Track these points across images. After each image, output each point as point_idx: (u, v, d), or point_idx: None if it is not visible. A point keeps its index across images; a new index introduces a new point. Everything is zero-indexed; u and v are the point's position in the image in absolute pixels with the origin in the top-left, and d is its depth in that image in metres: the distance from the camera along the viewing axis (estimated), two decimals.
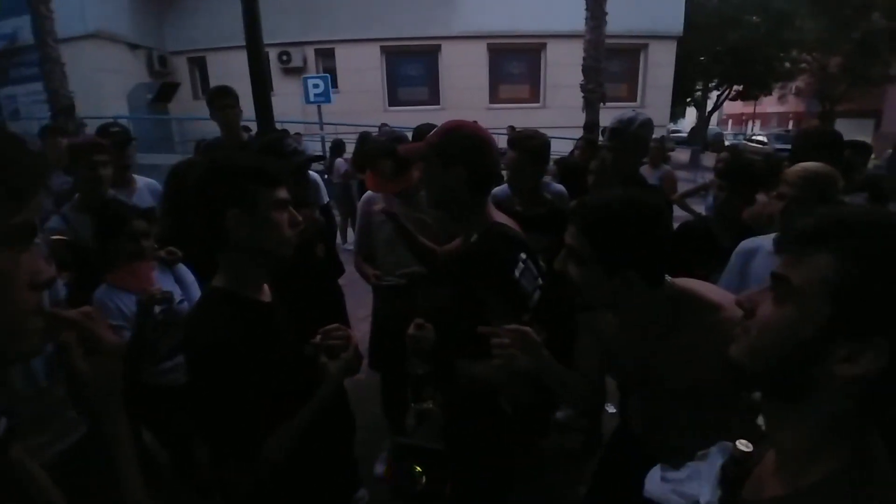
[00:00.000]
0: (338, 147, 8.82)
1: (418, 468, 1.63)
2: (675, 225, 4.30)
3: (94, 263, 2.00)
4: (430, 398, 1.64)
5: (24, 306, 0.60)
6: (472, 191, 1.47)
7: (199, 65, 16.72)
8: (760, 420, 0.79)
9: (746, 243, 2.00)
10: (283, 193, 1.22)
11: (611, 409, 2.97)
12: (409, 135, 2.84)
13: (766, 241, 1.94)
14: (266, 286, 1.33)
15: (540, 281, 1.46)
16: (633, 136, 2.44)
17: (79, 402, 0.69)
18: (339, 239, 5.83)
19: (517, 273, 1.40)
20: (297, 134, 8.60)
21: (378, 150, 2.34)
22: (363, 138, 6.86)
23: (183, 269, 2.19)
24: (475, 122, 1.54)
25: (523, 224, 1.66)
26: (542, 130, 1.97)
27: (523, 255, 1.44)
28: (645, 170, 4.78)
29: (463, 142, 1.46)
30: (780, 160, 3.30)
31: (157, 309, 1.97)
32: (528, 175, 2.41)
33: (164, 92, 14.45)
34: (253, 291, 1.27)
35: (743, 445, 0.81)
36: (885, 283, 0.58)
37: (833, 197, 1.79)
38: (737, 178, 2.35)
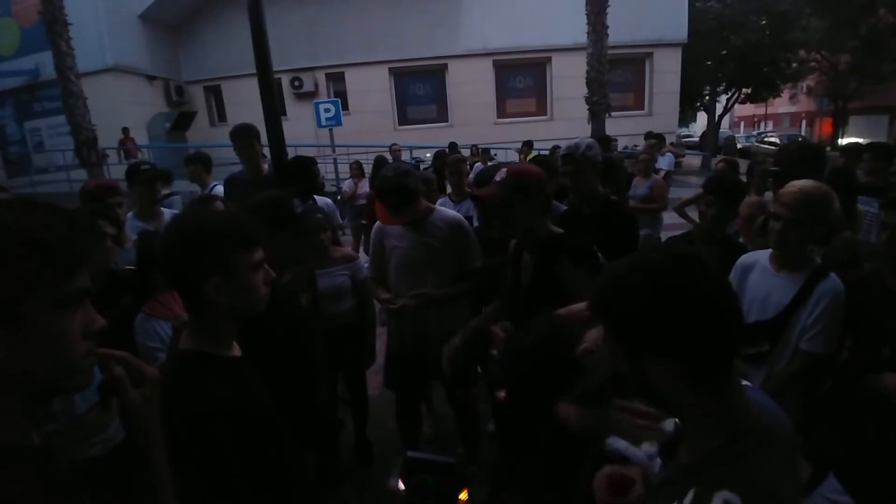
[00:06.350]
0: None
1: (430, 480, 1.67)
2: (669, 235, 4.28)
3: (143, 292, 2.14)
4: None
5: (79, 352, 0.73)
6: (544, 213, 1.92)
7: (214, 93, 17.25)
8: None
9: (745, 258, 2.05)
10: (258, 255, 1.21)
11: None
12: (415, 152, 2.88)
13: (762, 256, 1.99)
14: (234, 342, 1.30)
15: None
16: (583, 157, 2.56)
17: (128, 421, 0.83)
18: None
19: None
20: (312, 158, 8.66)
21: (383, 186, 2.33)
22: (378, 163, 7.00)
23: None
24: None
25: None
26: (551, 142, 2.03)
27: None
28: (636, 181, 4.91)
29: (533, 178, 1.87)
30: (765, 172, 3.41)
31: None
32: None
33: (182, 120, 14.87)
34: (225, 349, 1.25)
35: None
36: (632, 324, 0.80)
37: (829, 216, 1.77)
38: (725, 195, 2.42)
